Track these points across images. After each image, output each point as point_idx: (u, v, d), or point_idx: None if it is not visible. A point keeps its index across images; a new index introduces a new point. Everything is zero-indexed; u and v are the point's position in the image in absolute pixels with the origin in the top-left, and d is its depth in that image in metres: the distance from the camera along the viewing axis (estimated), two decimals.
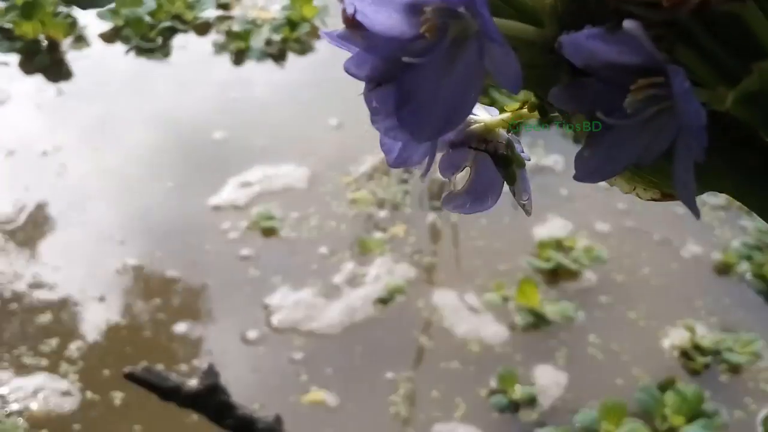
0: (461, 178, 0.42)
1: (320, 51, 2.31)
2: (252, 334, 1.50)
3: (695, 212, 0.31)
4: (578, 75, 0.31)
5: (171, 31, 2.38)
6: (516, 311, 1.51)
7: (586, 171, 0.32)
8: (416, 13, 0.33)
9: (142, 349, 1.50)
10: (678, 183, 0.32)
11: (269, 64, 2.26)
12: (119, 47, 2.32)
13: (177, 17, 2.41)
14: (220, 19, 2.43)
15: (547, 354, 1.44)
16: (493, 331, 1.48)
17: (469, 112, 0.32)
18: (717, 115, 0.31)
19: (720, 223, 1.69)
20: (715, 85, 0.30)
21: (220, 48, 2.32)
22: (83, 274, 1.66)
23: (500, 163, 0.40)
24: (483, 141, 0.40)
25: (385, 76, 0.35)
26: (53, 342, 1.52)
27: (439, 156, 0.39)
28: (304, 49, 2.31)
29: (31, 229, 1.77)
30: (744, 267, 1.55)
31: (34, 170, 1.91)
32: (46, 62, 2.28)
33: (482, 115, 0.39)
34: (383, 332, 1.50)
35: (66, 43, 2.31)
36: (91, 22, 2.35)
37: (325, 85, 2.06)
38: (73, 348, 1.51)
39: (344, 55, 0.31)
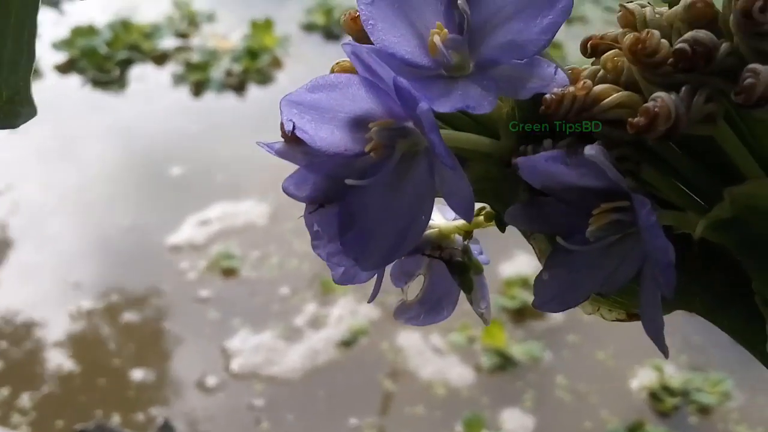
0: (414, 287, 0.40)
1: (281, 82, 2.28)
2: (211, 381, 1.46)
3: (663, 350, 0.28)
4: (537, 193, 0.29)
5: (128, 62, 2.33)
6: (482, 352, 1.48)
7: (546, 298, 0.30)
8: (361, 129, 0.30)
9: (97, 397, 1.45)
10: (644, 316, 0.30)
11: (229, 96, 2.22)
12: (75, 79, 2.27)
13: (134, 47, 2.36)
14: (179, 49, 2.38)
15: (514, 396, 1.42)
16: (458, 373, 1.45)
17: (420, 237, 0.30)
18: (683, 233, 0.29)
19: None
20: (684, 208, 0.28)
21: (178, 79, 2.28)
22: (36, 318, 1.60)
23: (456, 271, 0.38)
24: (437, 248, 0.38)
25: (328, 196, 0.33)
26: (4, 391, 1.47)
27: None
28: (264, 79, 2.27)
29: None
30: None
31: None
32: None
33: (437, 219, 0.37)
34: (346, 376, 1.47)
35: None
36: (44, 53, 2.29)
37: None
38: (26, 398, 1.45)
39: None
